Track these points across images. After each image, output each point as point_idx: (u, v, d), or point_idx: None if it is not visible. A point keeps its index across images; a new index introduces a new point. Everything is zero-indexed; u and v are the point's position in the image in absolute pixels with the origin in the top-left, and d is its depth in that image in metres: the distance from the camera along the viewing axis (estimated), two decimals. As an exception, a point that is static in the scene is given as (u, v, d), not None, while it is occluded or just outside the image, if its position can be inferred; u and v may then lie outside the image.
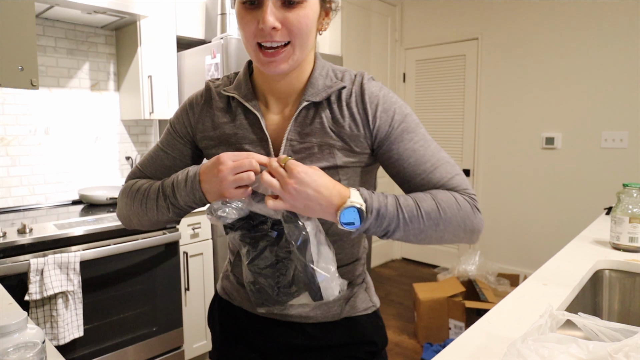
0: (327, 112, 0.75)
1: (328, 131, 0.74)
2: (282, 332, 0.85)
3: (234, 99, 0.79)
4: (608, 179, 3.04)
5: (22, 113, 2.11)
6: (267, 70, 0.71)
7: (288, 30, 0.68)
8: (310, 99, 0.75)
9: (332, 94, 0.75)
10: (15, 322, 0.58)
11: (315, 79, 0.76)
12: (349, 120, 0.75)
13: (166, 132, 0.87)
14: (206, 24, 2.49)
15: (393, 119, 0.74)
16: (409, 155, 0.73)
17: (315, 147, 0.74)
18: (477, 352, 0.72)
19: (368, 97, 0.75)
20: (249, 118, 0.78)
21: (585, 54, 3.07)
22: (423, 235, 0.69)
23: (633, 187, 1.27)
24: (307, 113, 0.76)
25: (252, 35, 0.69)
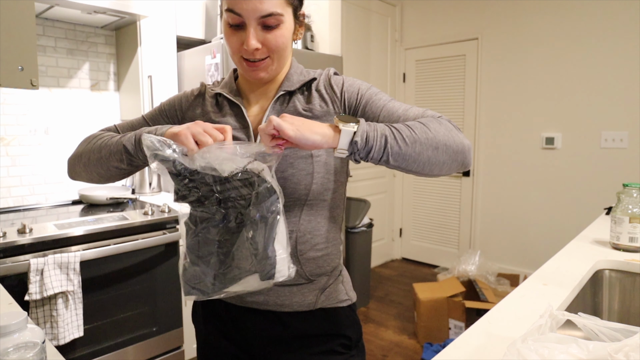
0: (299, 97, 0.88)
1: (301, 112, 0.85)
2: (258, 322, 0.89)
3: (220, 96, 0.91)
4: (608, 179, 3.04)
5: (22, 113, 2.11)
6: (250, 77, 0.84)
7: (267, 48, 0.80)
8: (286, 89, 0.87)
9: (304, 84, 0.88)
10: (15, 322, 0.58)
11: (291, 75, 0.89)
12: (318, 100, 0.87)
13: (154, 110, 0.96)
14: (206, 24, 2.49)
15: (359, 90, 0.85)
16: (379, 111, 0.82)
17: None
18: (477, 352, 0.72)
19: (334, 81, 0.88)
20: (233, 109, 0.89)
21: (585, 53, 3.07)
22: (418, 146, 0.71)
23: (633, 187, 1.27)
24: (283, 100, 0.88)
25: (237, 50, 0.81)
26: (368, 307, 3.11)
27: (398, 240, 4.25)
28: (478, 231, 3.73)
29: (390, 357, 2.44)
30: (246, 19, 0.77)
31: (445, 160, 0.74)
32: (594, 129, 3.08)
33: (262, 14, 0.76)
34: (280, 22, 0.79)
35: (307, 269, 0.87)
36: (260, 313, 0.88)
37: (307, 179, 0.83)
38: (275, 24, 0.78)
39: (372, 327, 2.80)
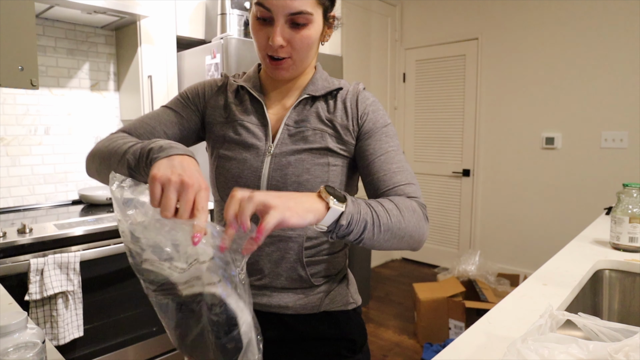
0: (322, 104, 0.86)
1: (323, 119, 0.85)
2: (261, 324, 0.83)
3: (243, 88, 0.89)
4: (608, 179, 3.04)
5: (22, 113, 2.11)
6: (272, 74, 0.84)
7: (292, 48, 0.79)
8: (311, 93, 0.86)
9: (330, 92, 0.87)
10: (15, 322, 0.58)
11: (317, 79, 0.88)
12: (341, 112, 0.85)
13: (175, 99, 0.91)
14: (206, 24, 2.48)
15: (378, 121, 0.85)
16: (381, 152, 0.82)
17: (309, 130, 0.84)
18: (477, 352, 0.72)
19: (362, 99, 0.86)
20: (254, 105, 0.87)
21: (586, 54, 3.07)
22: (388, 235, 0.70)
23: (633, 187, 1.27)
24: (305, 104, 0.86)
25: (263, 47, 0.80)
26: (368, 307, 3.11)
27: (398, 240, 4.25)
28: (478, 231, 3.73)
29: (390, 357, 2.44)
30: (275, 14, 0.75)
31: (401, 247, 0.75)
32: (594, 129, 3.08)
33: (291, 11, 0.75)
34: (309, 21, 0.77)
35: (312, 272, 0.86)
36: (263, 315, 0.86)
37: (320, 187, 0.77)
38: (304, 23, 0.77)
39: (372, 327, 2.80)
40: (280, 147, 0.83)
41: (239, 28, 2.36)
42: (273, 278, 0.85)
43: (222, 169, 0.85)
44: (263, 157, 0.83)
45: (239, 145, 0.85)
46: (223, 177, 0.85)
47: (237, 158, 0.84)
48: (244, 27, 2.38)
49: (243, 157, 0.83)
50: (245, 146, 0.84)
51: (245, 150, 0.84)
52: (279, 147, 0.83)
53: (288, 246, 0.84)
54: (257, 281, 0.85)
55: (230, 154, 0.85)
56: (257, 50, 0.82)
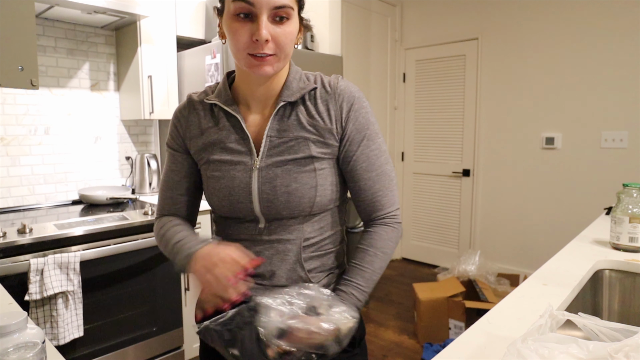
0: (302, 109, 0.85)
1: (305, 125, 0.84)
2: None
3: (216, 106, 0.88)
4: (608, 179, 3.04)
5: (22, 113, 2.11)
6: (255, 72, 0.79)
7: (275, 44, 0.77)
8: (287, 99, 0.84)
9: (305, 94, 0.85)
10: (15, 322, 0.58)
11: (290, 82, 0.86)
12: (323, 115, 0.84)
13: (168, 154, 0.96)
14: (206, 24, 2.49)
15: (361, 123, 0.85)
16: (363, 160, 0.85)
17: (292, 140, 0.83)
18: (477, 352, 0.72)
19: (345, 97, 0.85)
20: (231, 121, 0.86)
21: (586, 54, 3.07)
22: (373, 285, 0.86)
23: (633, 187, 1.27)
24: (284, 112, 0.85)
25: (245, 46, 0.76)
26: (368, 307, 3.11)
27: (398, 240, 4.25)
28: (478, 231, 3.73)
29: (390, 357, 2.44)
30: (258, 8, 0.74)
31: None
32: (594, 129, 3.08)
33: (276, 4, 0.74)
34: (291, 16, 0.77)
35: (310, 270, 0.87)
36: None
37: (310, 192, 0.83)
38: (286, 17, 0.76)
39: (372, 327, 2.80)
40: (266, 160, 0.83)
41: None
42: (273, 279, 0.86)
43: (214, 189, 0.86)
44: (250, 172, 0.83)
45: (225, 164, 0.85)
46: (216, 197, 0.86)
47: (225, 177, 0.85)
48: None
49: (231, 175, 0.84)
50: (231, 164, 0.85)
51: (232, 168, 0.85)
52: (264, 160, 0.83)
53: (287, 248, 0.85)
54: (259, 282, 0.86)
55: (219, 174, 0.86)
56: (235, 51, 0.78)
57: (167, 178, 0.94)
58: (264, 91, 0.86)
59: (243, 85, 0.87)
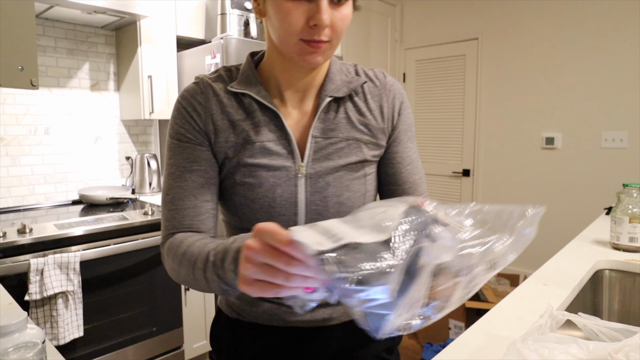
0: (350, 106, 0.75)
1: (356, 124, 0.74)
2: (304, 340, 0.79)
3: (245, 95, 0.73)
4: (608, 179, 3.04)
5: (22, 113, 2.11)
6: (306, 61, 0.67)
7: (332, 30, 0.65)
8: (333, 94, 0.74)
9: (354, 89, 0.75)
10: (15, 322, 0.58)
11: (333, 74, 0.76)
12: (375, 112, 0.76)
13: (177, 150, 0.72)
14: (206, 24, 2.48)
15: (407, 123, 0.79)
16: (408, 162, 0.79)
17: (342, 142, 0.73)
18: (477, 352, 0.72)
19: (396, 93, 0.78)
20: (265, 115, 0.72)
21: (585, 53, 3.07)
22: None
23: (633, 187, 1.27)
24: (328, 108, 0.74)
25: (298, 30, 0.63)
26: (368, 307, 3.11)
27: (398, 240, 4.25)
28: (478, 231, 3.73)
29: (390, 357, 2.44)
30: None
31: None
32: (594, 129, 3.08)
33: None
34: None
35: None
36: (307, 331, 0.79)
37: (360, 201, 0.75)
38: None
39: (372, 327, 2.80)
40: (313, 166, 0.71)
41: (239, 28, 2.36)
42: None
43: (246, 198, 0.71)
44: (295, 180, 0.71)
45: (263, 169, 0.71)
46: (248, 209, 0.71)
47: (264, 185, 0.70)
48: (244, 27, 2.38)
49: (272, 183, 0.70)
50: (271, 169, 0.71)
51: (272, 174, 0.71)
52: (310, 165, 0.72)
53: None
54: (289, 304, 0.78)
55: (255, 180, 0.70)
56: (283, 35, 0.65)
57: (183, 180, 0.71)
58: (306, 83, 0.74)
59: (280, 74, 0.74)
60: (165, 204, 0.72)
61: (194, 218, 0.71)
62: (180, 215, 0.71)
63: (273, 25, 0.67)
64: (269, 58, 0.74)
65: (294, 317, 0.77)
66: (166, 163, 0.74)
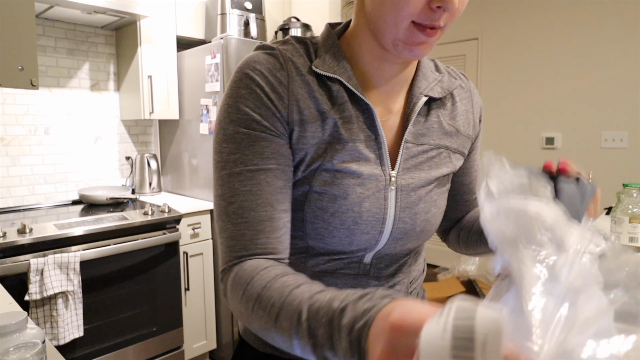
0: (442, 109, 0.64)
1: (447, 130, 0.63)
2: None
3: (333, 81, 0.57)
4: (608, 179, 3.04)
5: (22, 113, 2.11)
6: (412, 52, 0.54)
7: (451, 15, 0.52)
8: (429, 93, 0.61)
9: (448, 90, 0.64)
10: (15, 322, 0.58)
11: (425, 69, 0.63)
12: (463, 118, 0.66)
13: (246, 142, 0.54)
14: (206, 24, 2.48)
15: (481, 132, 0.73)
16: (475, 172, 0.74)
17: (434, 150, 0.62)
18: (477, 352, 0.71)
19: (477, 98, 0.70)
20: (356, 108, 0.58)
21: (586, 54, 3.07)
22: None
23: (633, 187, 1.27)
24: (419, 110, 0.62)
25: (415, 12, 0.50)
26: (368, 307, 3.11)
27: (398, 240, 4.25)
28: (478, 231, 3.73)
29: (390, 357, 2.44)
30: None
31: None
32: (594, 129, 3.08)
33: None
34: None
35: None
36: None
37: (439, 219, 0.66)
38: None
39: (372, 327, 2.80)
40: (404, 176, 0.59)
41: (239, 28, 2.36)
42: None
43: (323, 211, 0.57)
44: (385, 192, 0.58)
45: (350, 177, 0.56)
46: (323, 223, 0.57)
47: (350, 196, 0.56)
48: (244, 27, 2.38)
49: (359, 195, 0.57)
50: (358, 177, 0.57)
51: (359, 183, 0.57)
52: (401, 175, 0.59)
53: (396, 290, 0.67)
54: None
55: (338, 190, 0.56)
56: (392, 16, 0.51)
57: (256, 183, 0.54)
58: (399, 76, 0.61)
59: (369, 62, 0.59)
60: (228, 215, 0.54)
61: (270, 235, 0.54)
62: (253, 232, 0.53)
63: (379, 5, 0.52)
64: (357, 38, 0.59)
65: None
66: (224, 159, 0.55)
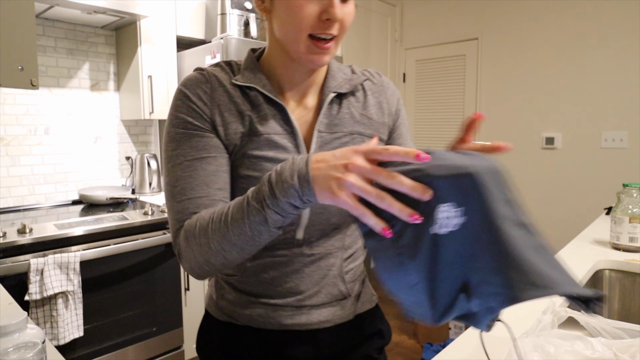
0: (352, 102, 0.77)
1: (358, 119, 0.76)
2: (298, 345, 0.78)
3: (250, 89, 0.72)
4: (608, 179, 3.04)
5: (22, 113, 2.11)
6: (314, 61, 0.67)
7: (341, 24, 0.66)
8: (337, 90, 0.75)
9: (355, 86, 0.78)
10: (15, 322, 0.58)
11: (334, 72, 0.78)
12: (375, 108, 0.78)
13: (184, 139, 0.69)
14: (206, 24, 2.48)
15: (404, 118, 0.83)
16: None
17: (347, 136, 0.75)
18: (477, 352, 0.71)
19: (392, 91, 0.82)
20: (272, 108, 0.71)
21: (586, 54, 3.07)
22: None
23: (633, 187, 1.27)
24: (331, 104, 0.75)
25: (310, 25, 0.64)
26: (368, 307, 3.11)
27: (398, 240, 4.25)
28: (478, 231, 3.73)
29: (390, 357, 2.44)
30: None
31: None
32: (594, 129, 3.08)
33: None
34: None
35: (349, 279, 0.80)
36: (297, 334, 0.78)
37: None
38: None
39: (372, 327, 2.80)
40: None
41: (239, 28, 2.36)
42: (312, 296, 0.77)
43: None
44: None
45: (268, 162, 0.69)
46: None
47: None
48: (244, 27, 2.38)
49: None
50: (276, 162, 0.69)
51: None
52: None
53: (330, 262, 0.77)
54: (297, 302, 0.77)
55: (258, 174, 0.69)
56: (292, 30, 0.65)
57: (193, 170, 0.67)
58: (309, 80, 0.75)
59: (282, 72, 0.74)
60: (173, 196, 0.68)
61: (208, 206, 0.66)
62: (194, 205, 0.66)
63: (281, 21, 0.67)
64: (271, 56, 0.75)
65: (290, 319, 0.76)
66: (169, 155, 0.70)
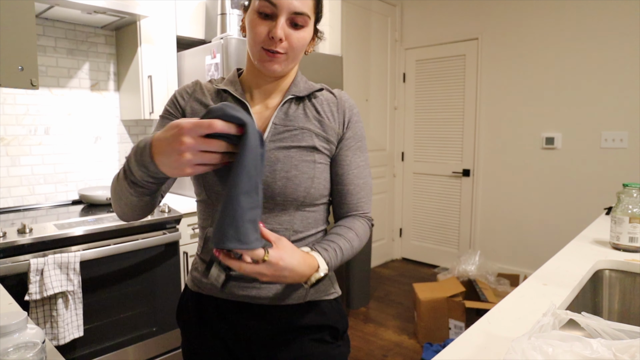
0: (309, 105, 0.91)
1: (310, 119, 0.90)
2: (249, 316, 0.90)
3: (225, 92, 0.91)
4: (608, 179, 3.04)
5: (22, 113, 2.11)
6: (265, 67, 0.85)
7: (288, 45, 0.83)
8: (296, 93, 0.90)
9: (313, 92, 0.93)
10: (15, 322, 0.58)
11: (298, 81, 0.94)
12: (328, 114, 0.92)
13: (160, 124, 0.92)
14: (206, 24, 2.48)
15: (357, 133, 0.94)
16: (354, 166, 0.93)
17: (297, 129, 0.88)
18: (477, 352, 0.72)
19: (348, 106, 0.94)
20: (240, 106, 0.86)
21: (586, 54, 3.07)
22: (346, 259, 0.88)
23: (633, 187, 1.27)
24: (290, 105, 0.90)
25: (260, 40, 0.83)
26: (368, 307, 3.11)
27: (398, 240, 4.25)
28: (478, 231, 3.73)
29: (390, 357, 2.44)
30: (279, 10, 0.81)
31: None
32: (594, 129, 3.08)
33: (295, 10, 0.81)
34: (306, 24, 0.84)
35: None
36: (250, 307, 0.90)
37: (307, 182, 0.86)
38: (302, 25, 0.83)
39: (372, 327, 2.80)
40: (269, 144, 0.86)
41: (239, 28, 2.36)
42: None
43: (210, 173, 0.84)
44: None
45: None
46: (210, 176, 0.86)
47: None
48: (244, 27, 2.38)
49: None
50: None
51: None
52: (267, 144, 0.86)
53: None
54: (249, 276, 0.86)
55: None
56: (251, 45, 0.85)
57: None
58: (272, 86, 0.91)
59: (252, 78, 0.92)
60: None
61: None
62: None
63: (248, 37, 0.85)
64: (247, 67, 0.93)
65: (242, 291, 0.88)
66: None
